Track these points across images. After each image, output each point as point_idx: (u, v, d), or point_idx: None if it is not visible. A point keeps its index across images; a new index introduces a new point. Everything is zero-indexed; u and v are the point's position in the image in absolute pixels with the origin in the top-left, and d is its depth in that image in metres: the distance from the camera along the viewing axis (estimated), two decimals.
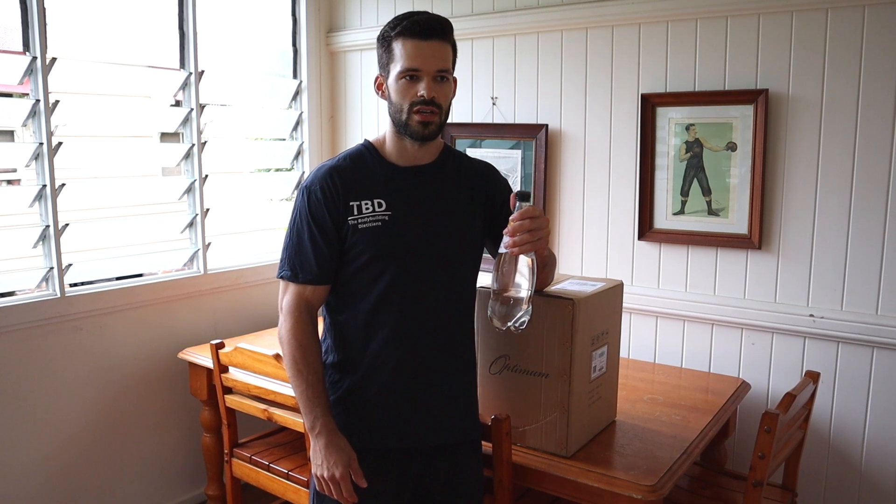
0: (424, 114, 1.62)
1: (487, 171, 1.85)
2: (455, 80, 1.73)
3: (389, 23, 1.66)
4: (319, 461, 1.65)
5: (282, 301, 1.72)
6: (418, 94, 1.61)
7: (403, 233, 1.67)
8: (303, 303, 1.69)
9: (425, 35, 1.61)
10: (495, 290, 1.62)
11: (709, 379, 2.51)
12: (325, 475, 1.65)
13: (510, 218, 1.55)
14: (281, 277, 1.72)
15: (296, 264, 1.69)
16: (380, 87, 1.71)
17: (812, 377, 2.14)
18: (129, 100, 2.90)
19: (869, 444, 2.39)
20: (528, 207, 1.55)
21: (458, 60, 1.72)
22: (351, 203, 1.66)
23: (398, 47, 1.62)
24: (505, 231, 1.56)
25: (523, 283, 1.60)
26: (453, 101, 2.30)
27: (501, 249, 1.57)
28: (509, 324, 1.62)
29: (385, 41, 1.66)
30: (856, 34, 2.27)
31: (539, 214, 1.55)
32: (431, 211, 1.71)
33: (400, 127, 1.67)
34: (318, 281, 1.69)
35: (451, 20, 1.68)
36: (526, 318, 1.62)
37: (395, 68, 1.63)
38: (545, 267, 1.77)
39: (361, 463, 1.69)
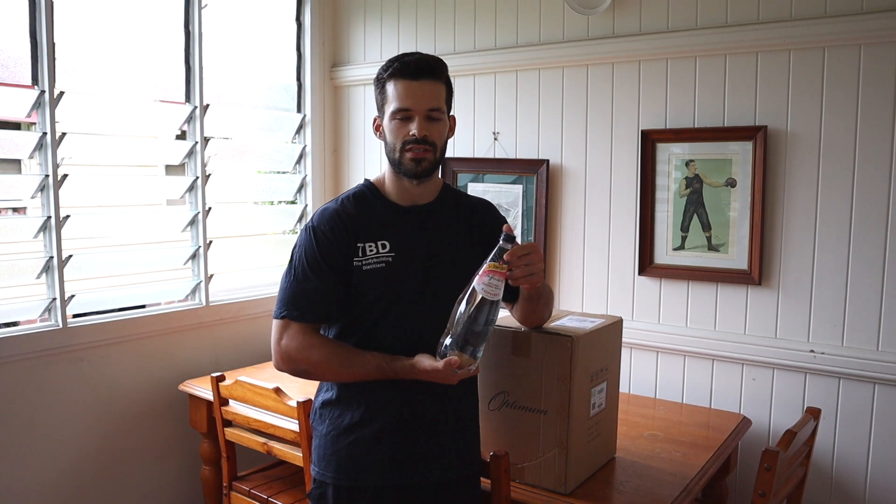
0: (416, 151, 1.65)
1: (486, 209, 1.87)
2: (453, 119, 1.75)
3: (383, 65, 1.70)
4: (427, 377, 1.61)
5: (280, 342, 1.65)
6: (410, 132, 1.64)
7: (407, 273, 1.68)
8: (307, 340, 1.66)
9: (415, 75, 1.64)
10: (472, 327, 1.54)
11: (709, 415, 2.50)
12: (440, 379, 1.59)
13: (491, 257, 1.53)
14: (283, 317, 1.66)
15: (301, 303, 1.65)
16: (378, 128, 1.75)
17: (813, 413, 2.13)
18: (134, 132, 2.93)
19: (872, 481, 2.37)
20: (518, 245, 1.54)
21: (460, 96, 1.74)
22: (358, 245, 1.67)
23: (391, 88, 1.66)
24: (484, 269, 1.53)
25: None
26: (455, 137, 2.34)
27: (477, 286, 1.52)
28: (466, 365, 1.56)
29: (380, 83, 1.70)
30: (852, 72, 2.29)
31: (533, 250, 1.56)
32: (433, 250, 1.72)
33: (395, 165, 1.70)
34: (324, 320, 1.69)
35: (453, 56, 1.71)
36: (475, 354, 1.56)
37: (389, 109, 1.67)
38: (540, 299, 1.77)
39: (359, 501, 1.68)
